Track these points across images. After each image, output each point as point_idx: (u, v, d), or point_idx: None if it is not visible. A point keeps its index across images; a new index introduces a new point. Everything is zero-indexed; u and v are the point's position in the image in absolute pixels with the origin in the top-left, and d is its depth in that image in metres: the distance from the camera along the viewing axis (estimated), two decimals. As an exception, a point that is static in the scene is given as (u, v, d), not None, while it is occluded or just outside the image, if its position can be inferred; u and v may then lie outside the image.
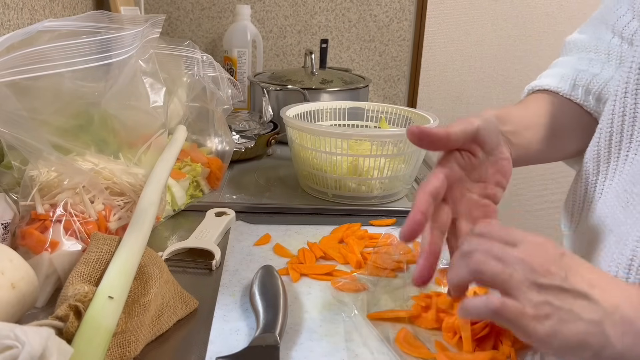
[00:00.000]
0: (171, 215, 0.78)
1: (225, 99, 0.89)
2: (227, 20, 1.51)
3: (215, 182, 0.87)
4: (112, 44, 0.61)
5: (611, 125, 0.54)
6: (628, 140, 0.52)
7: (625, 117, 0.52)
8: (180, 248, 0.65)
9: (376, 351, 0.48)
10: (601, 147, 0.55)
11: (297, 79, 1.17)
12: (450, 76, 1.62)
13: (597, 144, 0.56)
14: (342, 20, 1.54)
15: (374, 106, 0.98)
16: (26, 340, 0.34)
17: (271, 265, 0.59)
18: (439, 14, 1.56)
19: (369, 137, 0.82)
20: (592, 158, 0.57)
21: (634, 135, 0.52)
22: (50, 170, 0.60)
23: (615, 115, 0.53)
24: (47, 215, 0.57)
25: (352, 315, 0.53)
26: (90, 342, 0.42)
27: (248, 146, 1.00)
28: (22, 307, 0.46)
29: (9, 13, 0.85)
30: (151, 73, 0.69)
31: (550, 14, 1.58)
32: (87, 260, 0.50)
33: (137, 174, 0.66)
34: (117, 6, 1.20)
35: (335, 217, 0.78)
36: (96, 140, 0.67)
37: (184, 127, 0.83)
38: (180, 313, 0.53)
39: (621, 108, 0.52)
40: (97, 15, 0.64)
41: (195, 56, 0.84)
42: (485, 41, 1.60)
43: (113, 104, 0.67)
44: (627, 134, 0.52)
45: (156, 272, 0.52)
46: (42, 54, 0.55)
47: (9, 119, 0.53)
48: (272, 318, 0.50)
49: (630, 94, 0.51)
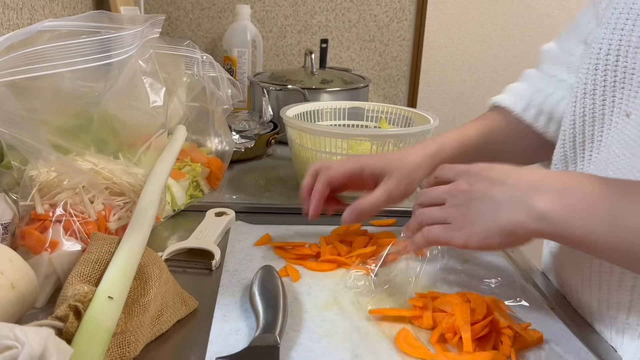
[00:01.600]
0: (171, 215, 0.77)
1: (225, 99, 0.89)
2: (227, 20, 1.51)
3: (215, 182, 0.87)
4: (112, 44, 0.61)
5: (573, 126, 0.55)
6: (590, 140, 0.53)
7: (585, 117, 0.53)
8: (180, 248, 0.65)
9: (376, 351, 0.48)
10: (567, 149, 0.56)
11: (297, 79, 1.17)
12: (450, 76, 1.62)
13: (562, 146, 0.57)
14: (342, 20, 1.54)
15: (374, 106, 0.98)
16: (26, 340, 0.34)
17: (271, 265, 0.59)
18: (439, 14, 1.56)
19: (369, 137, 0.82)
20: (560, 160, 0.58)
21: (595, 135, 0.53)
22: (50, 170, 0.60)
23: (577, 117, 0.54)
24: (46, 215, 0.57)
25: (353, 314, 0.53)
26: (90, 342, 0.42)
27: (248, 146, 1.00)
28: (22, 307, 0.46)
29: (9, 13, 0.85)
30: (151, 73, 0.69)
31: (550, 14, 1.58)
32: (86, 260, 0.50)
33: (137, 174, 0.66)
34: (117, 6, 1.20)
35: (336, 217, 0.78)
36: (96, 140, 0.67)
37: (183, 127, 0.83)
38: (180, 313, 0.53)
39: (581, 109, 0.53)
40: (97, 15, 0.64)
41: (195, 56, 0.84)
42: (485, 41, 1.60)
43: (113, 104, 0.66)
44: (588, 135, 0.53)
45: (156, 272, 0.52)
46: (42, 54, 0.55)
47: (9, 119, 0.53)
48: (272, 318, 0.50)
49: (589, 95, 0.51)
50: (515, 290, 0.60)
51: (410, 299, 0.56)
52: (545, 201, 0.42)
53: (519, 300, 0.58)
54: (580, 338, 0.51)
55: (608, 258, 0.44)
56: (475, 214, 0.47)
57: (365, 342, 0.50)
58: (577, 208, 0.42)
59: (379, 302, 0.56)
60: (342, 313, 0.54)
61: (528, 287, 0.61)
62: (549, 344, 0.50)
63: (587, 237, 0.41)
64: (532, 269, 0.67)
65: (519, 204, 0.44)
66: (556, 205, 0.42)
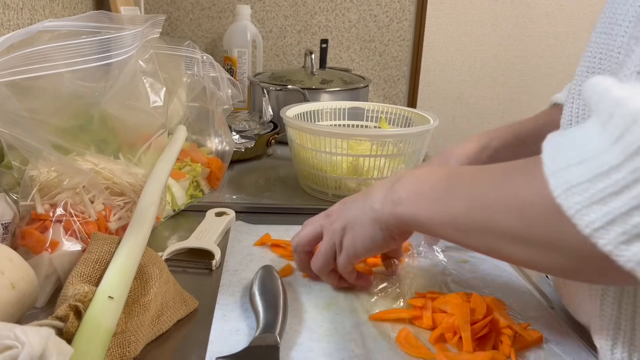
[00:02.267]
0: (171, 215, 0.78)
1: (225, 99, 0.89)
2: (227, 20, 1.51)
3: (215, 182, 0.87)
4: (112, 44, 0.61)
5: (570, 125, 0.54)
6: None
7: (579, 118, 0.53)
8: (180, 248, 0.65)
9: (376, 351, 0.48)
10: None
11: (297, 79, 1.17)
12: (450, 76, 1.62)
13: None
14: (342, 20, 1.54)
15: (374, 106, 0.98)
16: (26, 340, 0.34)
17: (271, 265, 0.59)
18: (439, 14, 1.56)
19: (369, 137, 0.82)
20: None
21: None
22: (50, 170, 0.60)
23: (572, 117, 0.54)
24: (47, 215, 0.57)
25: (354, 317, 0.53)
26: (90, 342, 0.42)
27: (248, 146, 1.00)
28: (22, 307, 0.46)
29: (9, 13, 0.85)
30: (151, 73, 0.69)
31: (550, 14, 1.58)
32: (87, 260, 0.50)
33: (137, 174, 0.66)
34: (117, 6, 1.20)
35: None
36: (96, 140, 0.67)
37: (184, 127, 0.83)
38: (180, 313, 0.53)
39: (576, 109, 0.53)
40: (97, 15, 0.64)
41: (195, 56, 0.84)
42: (485, 41, 1.60)
43: (113, 104, 0.66)
44: None
45: (156, 272, 0.52)
46: (42, 54, 0.55)
47: (9, 119, 0.53)
48: (272, 318, 0.50)
49: (576, 97, 0.51)
50: (515, 290, 0.60)
51: (409, 299, 0.56)
52: (402, 187, 0.48)
53: (519, 300, 0.58)
54: (580, 338, 0.51)
55: (461, 240, 0.45)
56: (352, 218, 0.53)
57: (365, 342, 0.50)
58: (424, 190, 0.47)
59: (379, 302, 0.56)
60: (342, 313, 0.54)
61: (528, 287, 0.61)
62: (549, 344, 0.50)
63: (434, 217, 0.45)
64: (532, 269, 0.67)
65: (384, 194, 0.50)
66: (410, 190, 0.47)
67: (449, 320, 0.51)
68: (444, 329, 0.51)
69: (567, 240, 0.33)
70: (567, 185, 0.32)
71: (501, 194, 0.39)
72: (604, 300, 0.44)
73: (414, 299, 0.56)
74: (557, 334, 0.52)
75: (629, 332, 0.43)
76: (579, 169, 0.32)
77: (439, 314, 0.52)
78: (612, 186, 0.30)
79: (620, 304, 0.44)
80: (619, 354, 0.43)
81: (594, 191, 0.31)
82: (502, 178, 0.40)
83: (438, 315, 0.52)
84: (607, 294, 0.44)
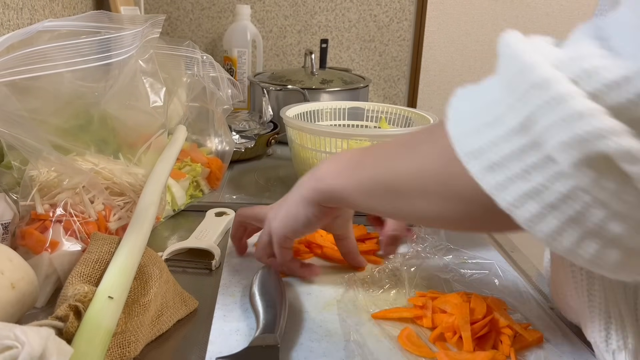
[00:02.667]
0: (171, 215, 0.78)
1: (225, 99, 0.89)
2: (227, 20, 1.51)
3: (215, 182, 0.87)
4: (112, 44, 0.61)
5: None
6: None
7: None
8: (180, 248, 0.65)
9: (377, 351, 0.48)
10: None
11: (297, 79, 1.17)
12: (450, 76, 1.62)
13: None
14: (342, 20, 1.54)
15: (374, 106, 0.98)
16: (26, 340, 0.34)
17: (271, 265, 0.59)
18: (439, 14, 1.56)
19: (369, 137, 0.82)
20: None
21: None
22: (50, 170, 0.60)
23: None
24: (47, 215, 0.57)
25: (353, 314, 0.53)
26: (90, 342, 0.42)
27: (248, 146, 1.00)
28: (22, 307, 0.46)
29: (9, 13, 0.85)
30: (151, 73, 0.69)
31: (550, 14, 1.58)
32: (87, 260, 0.50)
33: (137, 174, 0.66)
34: (117, 6, 1.20)
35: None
36: (96, 140, 0.67)
37: (184, 127, 0.83)
38: (180, 313, 0.53)
39: None
40: (97, 15, 0.64)
41: (195, 56, 0.84)
42: (485, 41, 1.60)
43: (113, 104, 0.66)
44: None
45: (156, 272, 0.52)
46: (42, 54, 0.55)
47: (9, 119, 0.53)
48: (272, 318, 0.50)
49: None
50: (515, 290, 0.60)
51: (410, 298, 0.56)
52: (324, 166, 0.52)
53: (518, 300, 0.58)
54: (580, 338, 0.51)
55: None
56: (283, 203, 0.56)
57: (366, 341, 0.50)
58: (341, 164, 0.50)
59: (379, 302, 0.56)
60: (342, 313, 0.54)
61: (528, 287, 0.61)
62: (549, 344, 0.50)
63: (346, 185, 0.48)
64: (532, 269, 0.67)
65: (309, 176, 0.53)
66: (329, 166, 0.51)
67: (448, 320, 0.51)
68: (443, 328, 0.51)
69: (459, 186, 0.35)
70: (462, 129, 0.34)
71: (402, 150, 0.44)
72: (592, 290, 0.45)
73: (415, 298, 0.56)
74: (557, 334, 0.52)
75: (619, 319, 0.43)
76: (467, 106, 0.35)
77: (439, 314, 0.52)
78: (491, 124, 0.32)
79: (606, 290, 0.45)
80: (615, 343, 0.43)
81: (477, 123, 0.33)
82: (407, 137, 0.45)
83: (438, 315, 0.52)
84: (593, 282, 0.45)
